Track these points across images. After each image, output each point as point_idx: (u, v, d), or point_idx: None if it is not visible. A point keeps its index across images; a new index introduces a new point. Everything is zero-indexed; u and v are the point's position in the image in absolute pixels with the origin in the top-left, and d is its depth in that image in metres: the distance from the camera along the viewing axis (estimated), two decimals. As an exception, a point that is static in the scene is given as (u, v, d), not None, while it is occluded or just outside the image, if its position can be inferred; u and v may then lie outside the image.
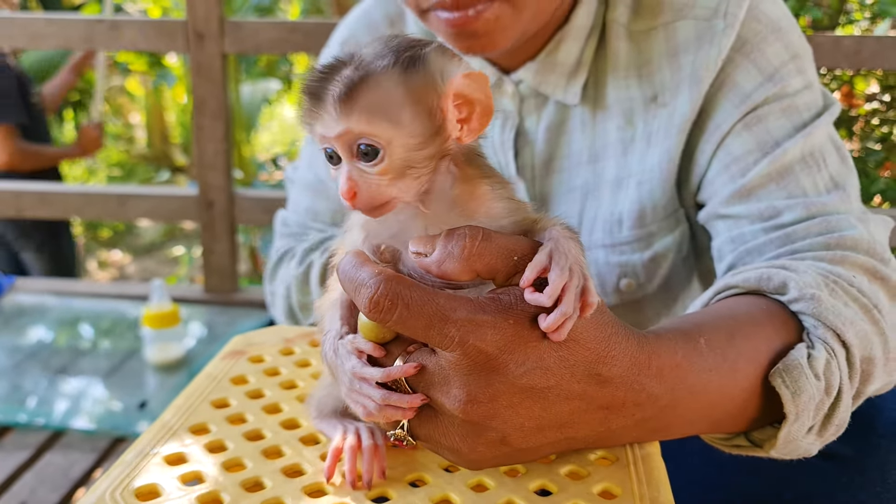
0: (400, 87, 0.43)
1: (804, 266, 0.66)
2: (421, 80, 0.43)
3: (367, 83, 0.43)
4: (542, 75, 0.82)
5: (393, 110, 0.43)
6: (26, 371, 1.71)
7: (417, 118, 0.43)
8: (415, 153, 0.44)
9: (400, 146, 0.44)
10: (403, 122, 0.43)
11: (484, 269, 0.44)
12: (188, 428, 0.59)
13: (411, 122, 0.43)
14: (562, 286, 0.42)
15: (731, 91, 0.76)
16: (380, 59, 0.43)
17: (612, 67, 0.81)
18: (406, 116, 0.43)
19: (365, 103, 0.43)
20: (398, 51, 0.44)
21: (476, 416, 0.45)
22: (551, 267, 0.43)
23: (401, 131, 0.43)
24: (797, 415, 0.57)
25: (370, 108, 0.43)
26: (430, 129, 0.44)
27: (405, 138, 0.43)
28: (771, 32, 0.76)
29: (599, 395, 0.47)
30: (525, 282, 0.43)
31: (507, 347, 0.43)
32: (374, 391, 0.46)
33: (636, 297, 0.87)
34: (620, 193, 0.83)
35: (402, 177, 0.44)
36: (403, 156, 0.44)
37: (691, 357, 0.52)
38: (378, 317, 0.44)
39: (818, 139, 0.74)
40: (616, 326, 0.48)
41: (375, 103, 0.43)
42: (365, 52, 0.44)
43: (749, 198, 0.74)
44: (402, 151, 0.44)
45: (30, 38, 2.04)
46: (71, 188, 2.43)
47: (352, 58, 0.44)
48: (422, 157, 0.44)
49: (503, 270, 0.45)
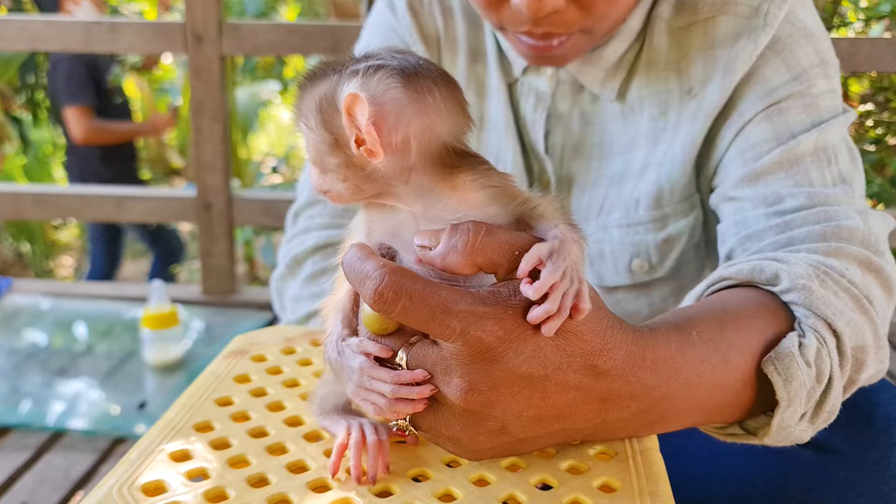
0: (317, 97, 0.48)
1: (796, 258, 0.67)
2: (329, 93, 0.47)
3: (307, 88, 0.49)
4: (585, 66, 0.85)
5: (308, 115, 0.49)
6: (25, 372, 1.71)
7: (318, 127, 0.48)
8: (325, 157, 0.49)
9: (311, 146, 0.49)
10: (311, 127, 0.48)
11: (486, 263, 0.46)
12: (192, 425, 0.60)
13: (315, 128, 0.48)
14: (550, 284, 0.44)
15: (758, 84, 0.79)
16: (330, 68, 0.48)
17: (651, 63, 0.83)
18: (312, 122, 0.48)
19: (300, 103, 0.49)
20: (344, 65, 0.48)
21: (476, 404, 0.46)
22: (546, 264, 0.44)
23: (309, 134, 0.49)
24: (789, 401, 0.58)
25: (300, 108, 0.49)
26: (328, 140, 0.48)
27: (313, 141, 0.49)
28: (803, 36, 0.79)
29: (596, 387, 0.48)
30: (521, 273, 0.44)
31: (506, 338, 0.45)
32: (385, 386, 0.47)
33: (646, 279, 0.88)
34: (643, 178, 0.85)
35: (325, 173, 0.50)
36: (316, 156, 0.49)
37: (684, 349, 0.54)
38: (382, 308, 0.45)
39: (832, 137, 0.76)
40: (612, 320, 0.49)
41: (303, 105, 0.49)
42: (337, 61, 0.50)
43: (757, 182, 0.77)
44: (314, 152, 0.49)
45: (28, 40, 2.04)
46: (69, 190, 2.43)
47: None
48: (332, 163, 0.49)
49: (505, 265, 0.46)
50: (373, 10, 1.01)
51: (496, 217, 0.48)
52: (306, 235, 0.96)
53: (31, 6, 4.74)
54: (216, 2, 1.97)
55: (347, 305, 0.53)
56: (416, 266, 0.49)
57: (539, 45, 0.76)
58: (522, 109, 0.90)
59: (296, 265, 0.95)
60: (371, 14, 1.01)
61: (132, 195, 2.21)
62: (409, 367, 0.48)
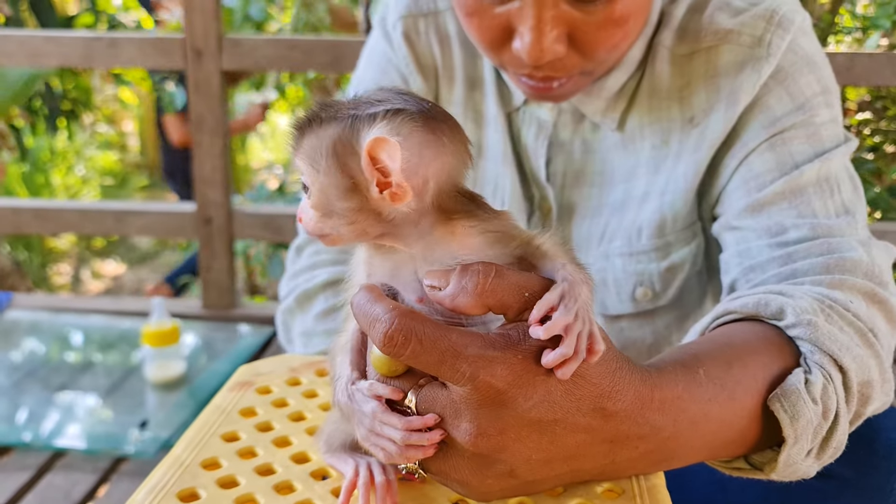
0: (325, 139, 0.47)
1: (801, 291, 0.67)
2: (345, 136, 0.47)
3: (312, 128, 0.48)
4: (586, 97, 0.85)
5: (315, 157, 0.47)
6: (25, 390, 1.71)
7: (332, 171, 0.47)
8: (335, 202, 0.47)
9: (318, 190, 0.48)
10: (321, 171, 0.47)
11: (496, 304, 0.46)
12: (200, 463, 0.60)
13: (326, 171, 0.47)
14: (563, 325, 0.44)
15: (761, 113, 0.79)
16: (335, 110, 0.48)
17: (653, 90, 0.84)
18: (323, 165, 0.47)
19: (304, 144, 0.48)
20: (353, 107, 0.48)
21: (485, 448, 0.46)
22: (558, 307, 0.45)
23: (318, 178, 0.48)
24: (796, 438, 0.59)
25: (304, 150, 0.48)
26: (344, 184, 0.47)
27: (322, 185, 0.48)
28: (806, 65, 0.79)
29: (605, 429, 0.48)
30: (533, 319, 0.45)
31: (515, 382, 0.45)
32: (396, 433, 0.47)
33: (650, 307, 0.89)
34: (644, 206, 0.86)
35: (330, 217, 0.48)
36: (323, 200, 0.48)
37: (691, 388, 0.54)
38: (392, 351, 0.45)
39: (835, 166, 0.77)
40: (621, 361, 0.49)
41: (307, 148, 0.48)
42: (340, 102, 0.49)
43: (760, 212, 0.77)
44: (321, 195, 0.48)
45: (28, 55, 2.04)
46: (68, 205, 2.43)
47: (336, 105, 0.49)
48: (343, 207, 0.47)
49: (514, 306, 0.46)
50: (369, 39, 1.01)
51: (497, 259, 0.48)
52: (315, 272, 0.96)
53: (28, 16, 4.74)
54: (216, 16, 1.97)
55: (355, 347, 0.53)
56: (418, 305, 0.49)
57: (539, 86, 0.77)
58: (524, 138, 0.90)
59: (306, 300, 0.95)
60: (368, 43, 1.01)
61: (131, 210, 2.21)
62: (419, 409, 0.48)
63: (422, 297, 0.49)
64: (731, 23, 0.81)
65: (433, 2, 0.93)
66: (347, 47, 1.96)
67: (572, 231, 0.91)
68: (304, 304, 0.95)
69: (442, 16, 0.93)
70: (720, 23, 0.81)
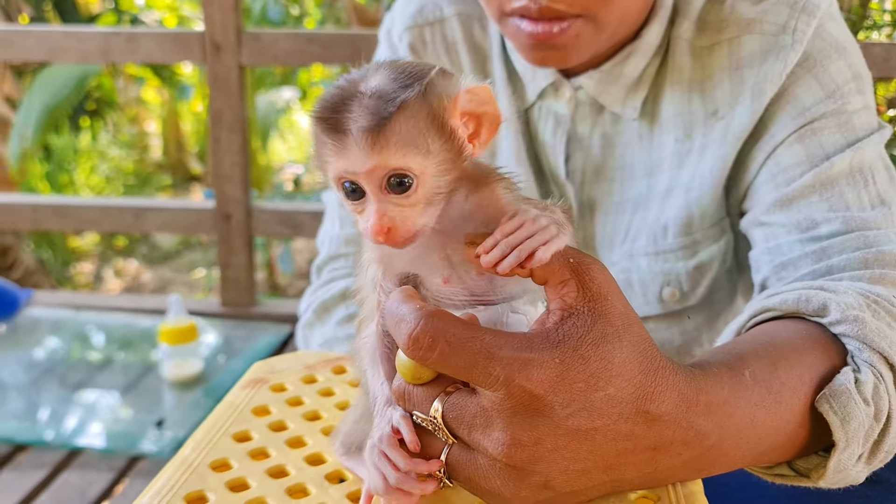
0: (422, 116, 0.42)
1: (843, 286, 0.64)
2: (437, 105, 0.43)
3: (394, 115, 0.42)
4: (604, 85, 0.82)
5: (422, 140, 0.42)
6: (43, 387, 1.70)
7: (443, 145, 0.43)
8: (442, 178, 0.44)
9: (431, 175, 0.43)
10: (432, 151, 0.43)
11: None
12: (209, 464, 0.57)
13: (439, 149, 0.43)
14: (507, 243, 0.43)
15: (789, 104, 0.76)
16: (398, 88, 0.42)
17: (674, 83, 0.81)
18: (434, 145, 0.43)
19: (396, 136, 0.42)
20: (410, 78, 0.43)
21: (519, 460, 0.43)
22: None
23: (431, 160, 0.43)
24: (847, 442, 0.55)
25: (402, 141, 0.42)
26: (453, 153, 0.44)
27: (435, 166, 0.43)
28: (835, 51, 0.76)
29: (647, 435, 0.45)
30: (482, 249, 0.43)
31: (553, 387, 0.41)
32: (390, 471, 0.45)
33: (678, 308, 0.86)
34: (668, 202, 0.82)
35: (431, 204, 0.44)
36: (434, 183, 0.44)
37: (737, 392, 0.50)
38: (418, 354, 0.43)
39: (868, 155, 0.73)
40: (662, 360, 0.46)
41: (406, 135, 0.42)
42: (375, 80, 0.43)
43: (790, 207, 0.74)
44: (433, 180, 0.43)
45: (48, 51, 2.04)
46: (87, 201, 2.43)
47: (363, 87, 0.43)
48: (447, 181, 0.44)
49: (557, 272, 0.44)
50: (377, 51, 0.99)
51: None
52: (332, 284, 0.94)
53: (53, 15, 4.78)
54: (235, 11, 1.96)
55: (383, 353, 0.50)
56: (444, 287, 0.47)
57: (538, 31, 0.72)
58: (541, 134, 0.87)
59: (324, 311, 0.92)
60: (375, 54, 1.00)
61: (150, 206, 2.20)
62: (446, 419, 0.45)
63: (447, 277, 0.47)
64: (753, 11, 0.78)
65: (438, 9, 0.91)
66: (367, 40, 1.93)
67: (595, 229, 0.88)
68: (323, 315, 0.93)
69: (448, 22, 0.91)
70: (742, 12, 0.78)
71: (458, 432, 0.44)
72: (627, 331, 0.44)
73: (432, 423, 0.45)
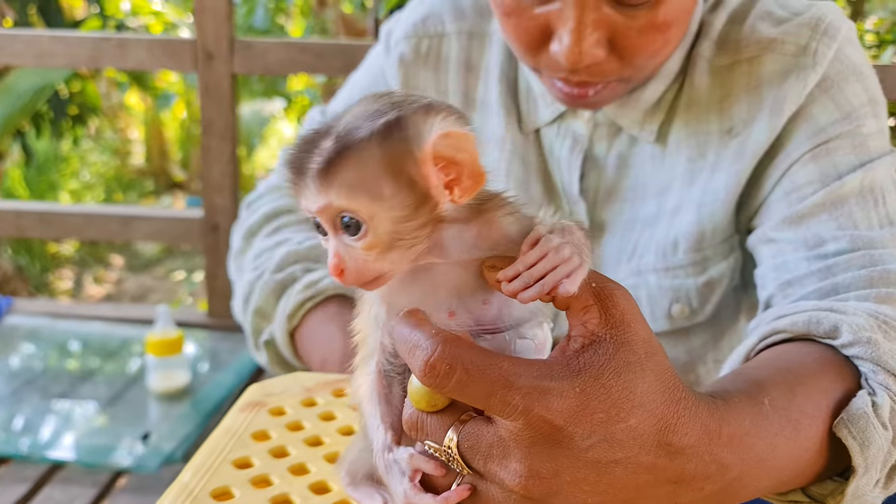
0: (377, 158, 0.40)
1: (852, 307, 0.64)
2: (399, 148, 0.41)
3: (344, 156, 0.40)
4: (622, 109, 0.82)
5: (372, 184, 0.41)
6: (24, 398, 1.65)
7: (399, 190, 0.41)
8: (402, 225, 0.41)
9: (384, 220, 0.41)
10: (385, 196, 0.41)
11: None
12: (210, 492, 0.55)
13: (393, 195, 0.41)
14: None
15: (805, 123, 0.76)
16: (358, 128, 0.41)
17: (690, 104, 0.81)
18: (387, 190, 0.41)
19: (343, 177, 0.41)
20: (378, 117, 0.41)
21: (537, 492, 0.41)
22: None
23: (382, 205, 0.41)
24: (866, 467, 0.55)
25: (349, 183, 0.40)
26: (414, 200, 0.41)
27: (388, 212, 0.41)
28: (852, 74, 0.77)
29: (669, 468, 0.43)
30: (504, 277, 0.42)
31: (574, 418, 0.40)
32: None
33: (686, 324, 0.86)
34: (677, 218, 0.82)
35: (391, 249, 0.42)
36: (390, 229, 0.41)
37: (758, 422, 0.49)
38: (435, 382, 0.41)
39: (879, 176, 0.74)
40: (685, 390, 0.45)
41: (354, 177, 0.40)
42: (345, 120, 0.42)
43: (799, 225, 0.74)
44: (387, 225, 0.41)
45: (35, 56, 2.00)
46: (73, 209, 2.39)
47: (331, 127, 0.42)
48: (411, 228, 0.42)
49: (581, 297, 0.42)
50: (375, 46, 1.00)
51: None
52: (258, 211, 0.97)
53: (37, 19, 4.72)
54: (227, 19, 1.93)
55: (381, 393, 0.48)
56: (450, 321, 0.45)
57: (574, 93, 0.75)
58: (556, 152, 0.87)
59: (251, 235, 0.96)
60: (372, 49, 1.01)
61: (137, 215, 2.17)
62: (461, 449, 0.43)
63: (452, 310, 0.45)
64: (775, 32, 0.79)
65: (441, 23, 0.91)
66: (359, 51, 1.91)
67: (602, 247, 0.87)
68: (251, 238, 0.95)
69: (447, 39, 0.91)
70: (762, 32, 0.79)
71: (473, 463, 0.43)
72: (650, 359, 0.43)
73: (447, 454, 0.44)
